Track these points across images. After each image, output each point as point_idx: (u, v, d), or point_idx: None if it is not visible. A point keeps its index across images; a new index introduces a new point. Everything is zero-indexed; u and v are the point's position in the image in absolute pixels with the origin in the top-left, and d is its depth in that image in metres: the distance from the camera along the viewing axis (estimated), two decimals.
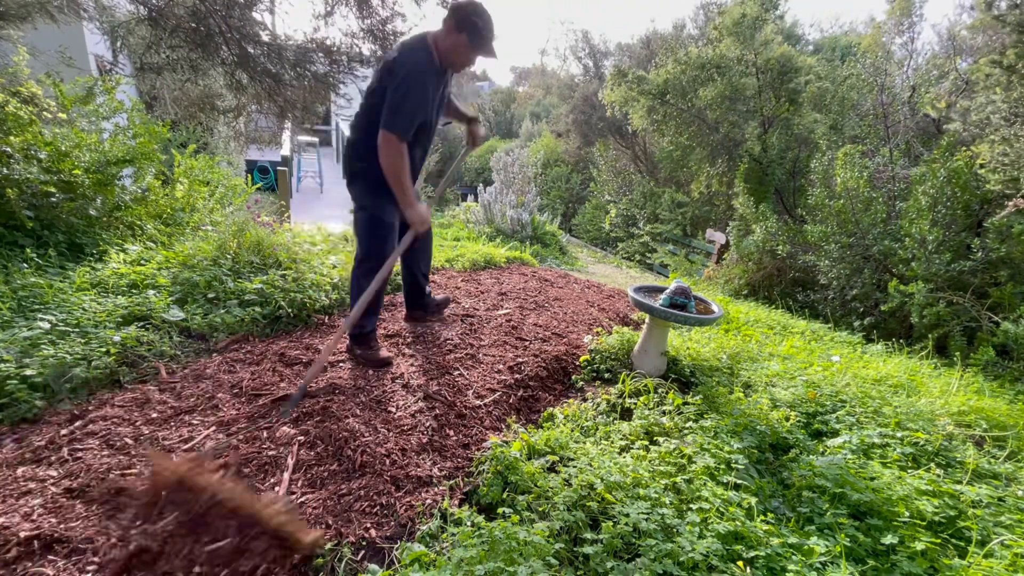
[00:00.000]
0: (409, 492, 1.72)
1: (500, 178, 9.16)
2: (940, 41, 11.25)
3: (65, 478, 1.58)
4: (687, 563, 1.40)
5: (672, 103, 9.63)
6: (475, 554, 1.34)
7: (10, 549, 1.31)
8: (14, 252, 3.08)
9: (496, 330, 3.12)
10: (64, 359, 2.09)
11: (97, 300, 2.68)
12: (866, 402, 2.55)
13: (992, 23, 4.88)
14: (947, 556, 1.57)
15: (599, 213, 13.95)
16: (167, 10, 4.36)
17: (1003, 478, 2.07)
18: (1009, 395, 3.37)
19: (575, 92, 16.79)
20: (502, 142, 19.36)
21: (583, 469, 1.78)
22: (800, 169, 8.50)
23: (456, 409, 2.23)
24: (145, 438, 1.81)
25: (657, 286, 2.95)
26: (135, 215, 3.93)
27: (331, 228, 5.22)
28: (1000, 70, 4.79)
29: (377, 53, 5.38)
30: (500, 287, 4.20)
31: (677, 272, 9.02)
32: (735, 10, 8.81)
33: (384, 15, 4.99)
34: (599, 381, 2.74)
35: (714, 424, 2.17)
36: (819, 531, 1.63)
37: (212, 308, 2.83)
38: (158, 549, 1.27)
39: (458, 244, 5.96)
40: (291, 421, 1.97)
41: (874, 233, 5.65)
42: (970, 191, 5.02)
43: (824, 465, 1.85)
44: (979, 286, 4.73)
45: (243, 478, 1.64)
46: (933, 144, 7.19)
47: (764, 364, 3.03)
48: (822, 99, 9.10)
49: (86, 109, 4.03)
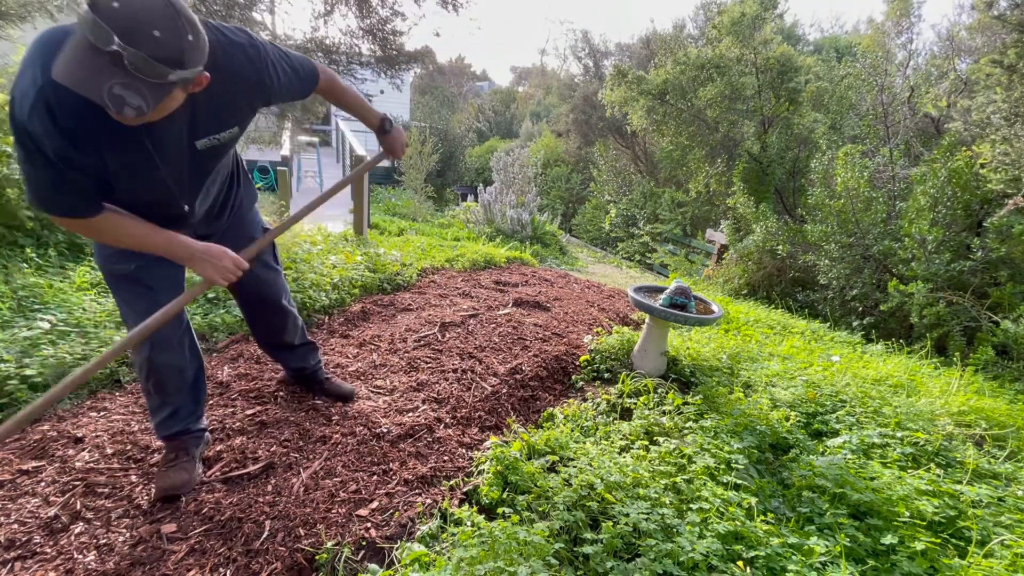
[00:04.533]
0: (411, 490, 1.72)
1: (500, 178, 9.17)
2: (939, 41, 11.25)
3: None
4: (687, 563, 1.40)
5: (671, 103, 9.63)
6: (475, 554, 1.34)
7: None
8: (14, 252, 3.08)
9: (496, 330, 3.12)
10: (64, 359, 2.09)
11: (97, 300, 2.68)
12: (866, 402, 2.55)
13: (992, 23, 4.88)
14: (947, 556, 1.57)
15: (599, 213, 13.96)
16: None
17: (1003, 478, 2.07)
18: (1009, 395, 3.38)
19: (575, 92, 16.80)
20: (502, 142, 19.35)
21: (583, 469, 1.78)
22: (800, 169, 8.50)
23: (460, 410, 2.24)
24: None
25: (657, 286, 2.95)
26: None
27: (331, 228, 5.22)
28: (1000, 69, 4.80)
29: (376, 53, 5.38)
30: (500, 287, 4.20)
31: (677, 272, 9.02)
32: (734, 9, 8.81)
33: (384, 15, 4.99)
34: (599, 381, 2.74)
35: (714, 424, 2.17)
36: (819, 531, 1.63)
37: (212, 308, 2.83)
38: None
39: (458, 244, 5.96)
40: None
41: (874, 233, 5.65)
42: (970, 191, 5.02)
43: (824, 465, 1.86)
44: (979, 286, 4.73)
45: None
46: (933, 144, 7.19)
47: (764, 364, 3.03)
48: (821, 99, 9.10)
49: None
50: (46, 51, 1.09)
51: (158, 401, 1.61)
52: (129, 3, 0.97)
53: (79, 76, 0.98)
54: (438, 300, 3.65)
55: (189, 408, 1.67)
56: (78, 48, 0.98)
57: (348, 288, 3.44)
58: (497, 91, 29.07)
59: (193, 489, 1.60)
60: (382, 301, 3.46)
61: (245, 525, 1.49)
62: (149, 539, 1.42)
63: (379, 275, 3.76)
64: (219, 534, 1.46)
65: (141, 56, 0.98)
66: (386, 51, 5.86)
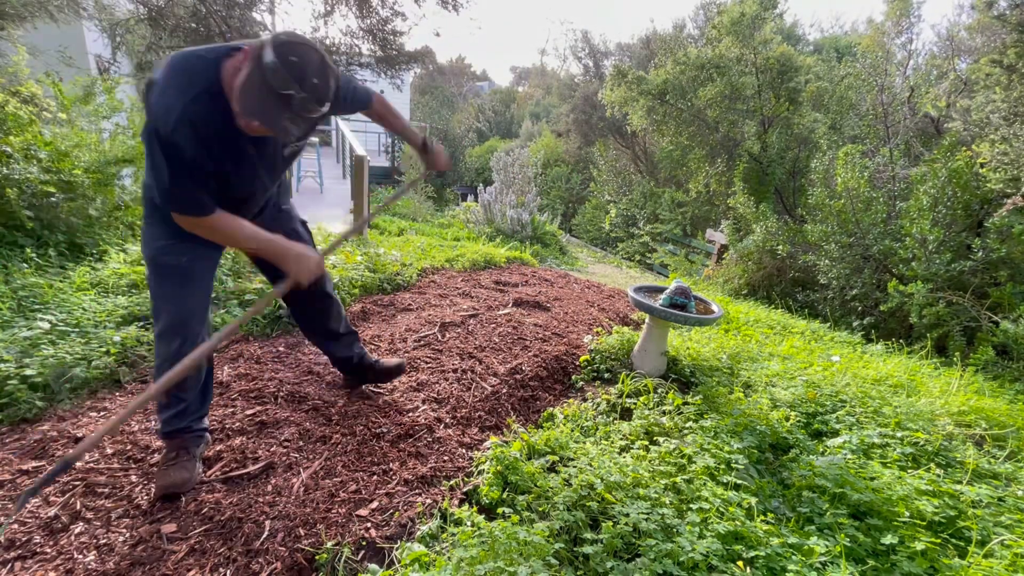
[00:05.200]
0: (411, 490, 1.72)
1: (500, 178, 9.17)
2: (939, 41, 11.26)
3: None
4: (687, 563, 1.41)
5: (671, 103, 9.64)
6: (475, 554, 1.34)
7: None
8: (14, 252, 3.08)
9: (496, 330, 3.12)
10: (64, 359, 2.09)
11: (97, 300, 2.68)
12: (866, 402, 2.55)
13: (992, 23, 4.88)
14: (947, 556, 1.57)
15: (599, 213, 13.97)
16: (167, 10, 4.36)
17: (1003, 478, 2.07)
18: (1009, 395, 3.38)
19: (575, 92, 16.81)
20: (502, 142, 19.36)
21: (583, 469, 1.78)
22: (800, 169, 8.50)
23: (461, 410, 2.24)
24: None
25: (657, 286, 2.95)
26: (135, 215, 3.93)
27: (331, 228, 5.22)
28: (1000, 69, 4.80)
29: (376, 53, 5.39)
30: (500, 287, 4.20)
31: (677, 272, 9.02)
32: (734, 9, 8.82)
33: (384, 15, 4.99)
34: (599, 381, 2.74)
35: (714, 424, 2.17)
36: (819, 531, 1.63)
37: (212, 308, 2.83)
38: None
39: (458, 244, 5.96)
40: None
41: (874, 233, 5.65)
42: (970, 191, 5.02)
43: (824, 465, 1.86)
44: (979, 286, 4.73)
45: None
46: (933, 144, 7.19)
47: (764, 364, 3.03)
48: (821, 99, 9.11)
49: (86, 109, 4.03)
50: (182, 74, 1.36)
51: (170, 397, 1.63)
52: (301, 59, 1.28)
53: (260, 109, 1.29)
54: (438, 300, 3.65)
55: (196, 406, 1.70)
56: (258, 87, 1.28)
57: (348, 288, 3.44)
58: (497, 91, 29.08)
59: (193, 488, 1.60)
60: (382, 301, 3.46)
61: (245, 525, 1.48)
62: (149, 539, 1.42)
63: (379, 275, 3.76)
64: (219, 534, 1.46)
65: (305, 98, 1.29)
66: (386, 51, 5.86)
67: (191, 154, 1.34)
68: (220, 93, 1.36)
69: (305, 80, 1.28)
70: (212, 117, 1.35)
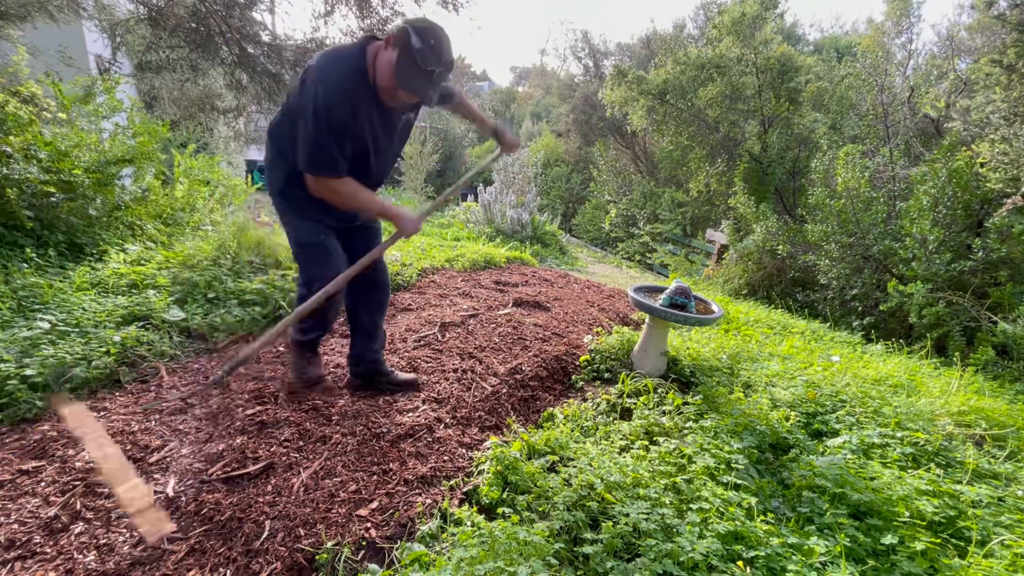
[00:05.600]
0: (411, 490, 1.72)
1: (500, 178, 9.17)
2: (939, 41, 11.26)
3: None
4: (687, 563, 1.40)
5: (672, 103, 9.63)
6: (475, 554, 1.34)
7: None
8: (14, 252, 3.08)
9: (496, 330, 3.11)
10: (64, 359, 2.09)
11: (97, 300, 2.68)
12: (866, 402, 2.54)
13: (992, 23, 4.88)
14: (947, 556, 1.57)
15: (599, 213, 13.96)
16: (167, 10, 4.36)
17: (1003, 478, 2.07)
18: (1009, 395, 3.37)
19: (575, 92, 16.80)
20: None
21: (583, 469, 1.78)
22: (800, 169, 8.50)
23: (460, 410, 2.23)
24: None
25: (657, 286, 2.95)
26: (135, 215, 3.93)
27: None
28: (1000, 69, 4.80)
29: None
30: (500, 287, 4.20)
31: (677, 272, 9.02)
32: (735, 9, 8.81)
33: (384, 15, 4.99)
34: (599, 381, 2.74)
35: (714, 424, 2.17)
36: (819, 531, 1.63)
37: (212, 308, 2.83)
38: None
39: (458, 244, 5.96)
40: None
41: (874, 233, 5.65)
42: (971, 191, 5.02)
43: (824, 465, 1.85)
44: (979, 286, 4.73)
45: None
46: (933, 144, 7.19)
47: (764, 364, 3.03)
48: (821, 99, 9.10)
49: (86, 109, 4.03)
50: (338, 60, 1.73)
51: (315, 323, 2.04)
52: (439, 41, 1.68)
53: (413, 83, 1.69)
54: (438, 300, 3.65)
55: (328, 328, 2.16)
56: (410, 66, 1.66)
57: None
58: (497, 91, 29.09)
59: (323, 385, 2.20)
60: None
61: (245, 525, 1.48)
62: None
63: None
64: (219, 534, 1.46)
65: (443, 72, 1.71)
66: None
67: (342, 117, 1.69)
68: (365, 74, 1.74)
69: (443, 58, 1.68)
70: (361, 91, 1.74)
